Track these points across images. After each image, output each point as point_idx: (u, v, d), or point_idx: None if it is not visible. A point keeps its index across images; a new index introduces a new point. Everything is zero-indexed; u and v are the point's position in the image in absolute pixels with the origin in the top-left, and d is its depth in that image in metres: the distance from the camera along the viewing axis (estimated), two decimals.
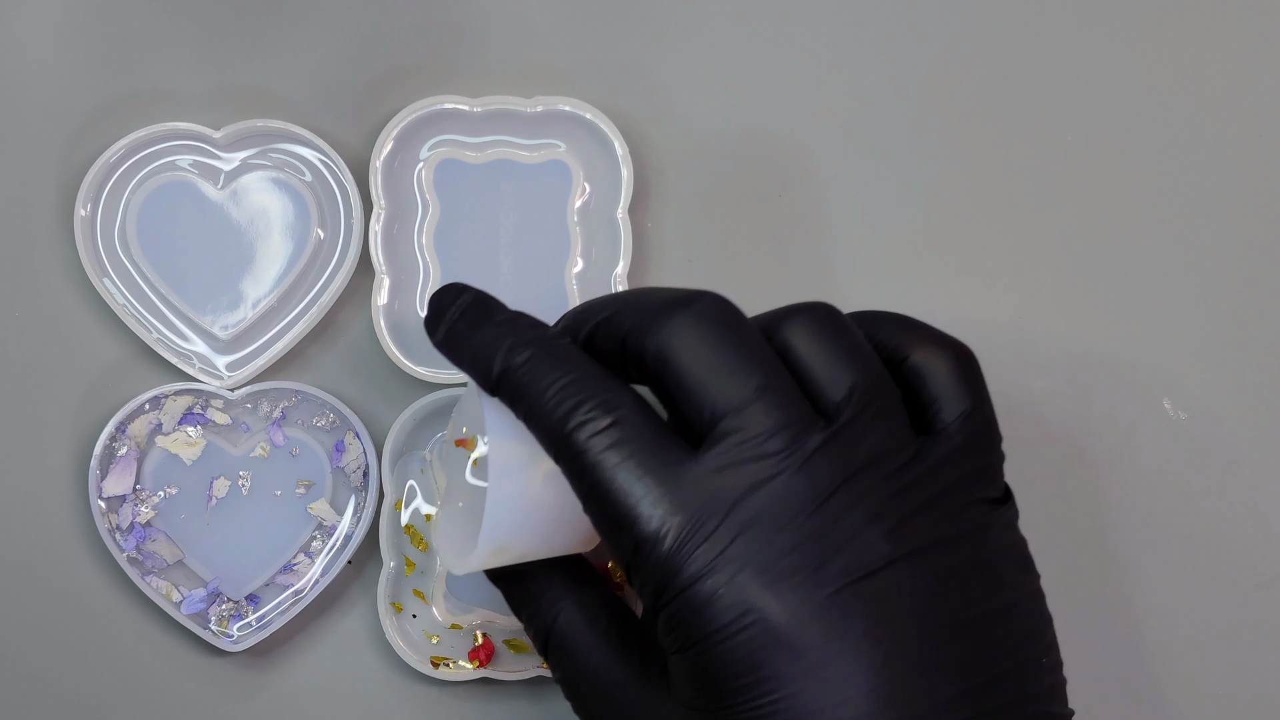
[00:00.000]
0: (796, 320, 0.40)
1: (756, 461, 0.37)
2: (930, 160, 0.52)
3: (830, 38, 0.53)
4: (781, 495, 0.37)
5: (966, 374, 0.41)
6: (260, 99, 0.52)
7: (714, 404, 0.38)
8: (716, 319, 0.39)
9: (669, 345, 0.39)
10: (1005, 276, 0.52)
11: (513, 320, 0.42)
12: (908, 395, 0.41)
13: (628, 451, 0.38)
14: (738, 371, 0.38)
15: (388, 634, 0.50)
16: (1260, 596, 0.52)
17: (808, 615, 0.37)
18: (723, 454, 0.38)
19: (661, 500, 0.38)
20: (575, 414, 0.39)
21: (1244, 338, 0.52)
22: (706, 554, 0.37)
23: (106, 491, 0.50)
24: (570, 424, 0.39)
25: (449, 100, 0.51)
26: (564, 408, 0.39)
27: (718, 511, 0.37)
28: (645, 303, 0.40)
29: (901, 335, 0.42)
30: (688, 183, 0.52)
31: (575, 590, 0.44)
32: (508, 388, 0.41)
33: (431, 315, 0.43)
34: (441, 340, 0.43)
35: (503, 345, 0.41)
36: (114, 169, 0.51)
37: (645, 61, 0.52)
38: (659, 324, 0.39)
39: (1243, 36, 0.53)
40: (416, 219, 0.51)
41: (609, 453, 0.38)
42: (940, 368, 0.41)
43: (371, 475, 0.50)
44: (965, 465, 0.40)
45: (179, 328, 0.51)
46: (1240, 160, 0.53)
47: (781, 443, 0.38)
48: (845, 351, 0.40)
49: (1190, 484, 0.52)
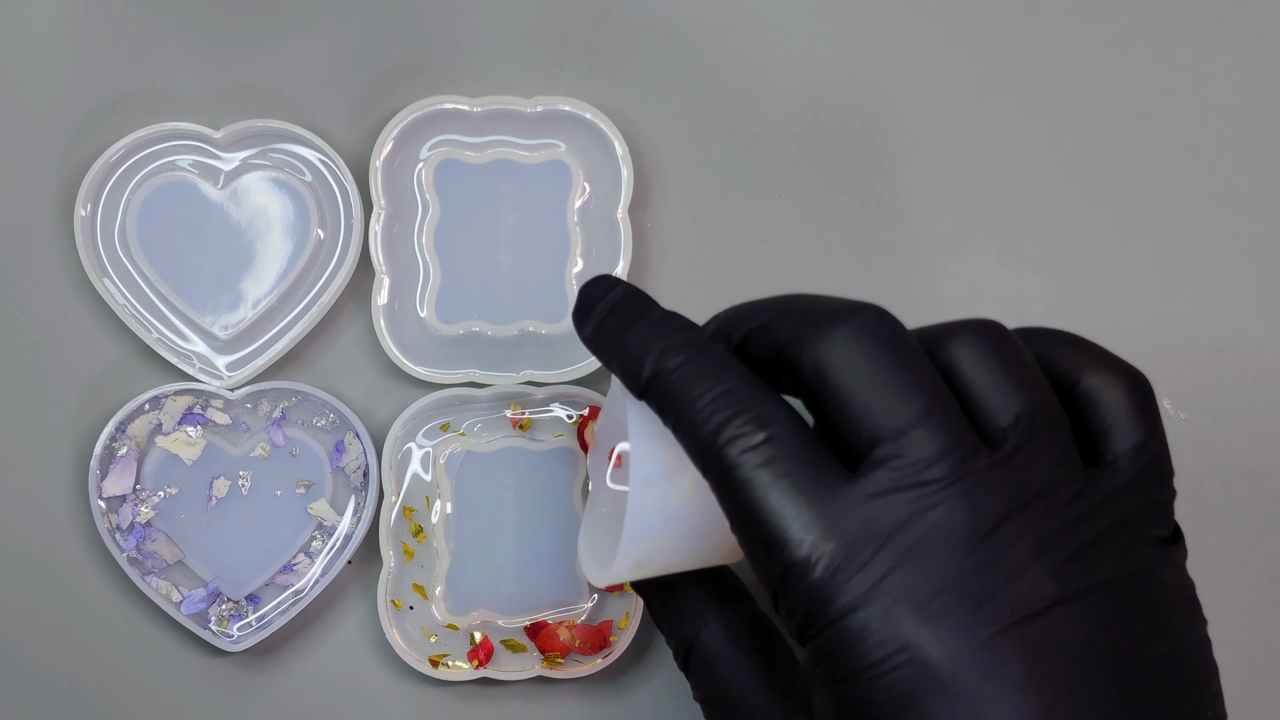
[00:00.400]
0: (963, 338, 0.38)
1: (916, 489, 0.35)
2: (930, 160, 0.53)
3: (830, 38, 0.53)
4: (942, 526, 0.35)
5: (1142, 403, 0.39)
6: (260, 99, 0.52)
7: (873, 426, 0.36)
8: (879, 335, 0.37)
9: (828, 360, 0.37)
10: (1005, 276, 0.52)
11: (665, 321, 0.39)
12: (1077, 422, 0.39)
13: (781, 471, 0.36)
14: (900, 393, 0.36)
15: (387, 633, 0.50)
16: (1260, 596, 0.52)
17: (966, 655, 0.34)
18: (881, 479, 0.36)
19: (814, 525, 0.35)
20: (727, 427, 0.37)
21: (1244, 338, 0.52)
22: (860, 585, 0.35)
23: (106, 491, 0.50)
24: (722, 438, 0.37)
25: (449, 100, 0.51)
26: (716, 420, 0.37)
27: (874, 540, 0.35)
28: (804, 312, 0.38)
29: (1074, 357, 0.39)
30: (688, 183, 0.52)
31: (720, 606, 0.43)
32: (657, 393, 0.38)
33: (580, 308, 0.41)
34: (590, 335, 0.41)
35: (654, 348, 0.39)
36: (114, 169, 0.51)
37: (645, 61, 0.53)
38: (818, 337, 0.37)
39: (1242, 37, 0.53)
40: (416, 219, 0.51)
41: (761, 471, 0.36)
42: (1114, 395, 0.38)
43: (371, 475, 0.50)
44: (1136, 501, 0.37)
45: (179, 328, 0.51)
46: (1240, 160, 0.53)
47: (943, 470, 0.36)
48: (1013, 374, 0.37)
49: (1190, 484, 0.52)
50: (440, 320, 0.51)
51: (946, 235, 0.52)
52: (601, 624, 0.50)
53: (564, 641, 0.50)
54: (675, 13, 0.53)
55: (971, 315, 0.52)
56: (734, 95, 0.52)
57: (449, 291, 0.51)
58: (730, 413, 0.37)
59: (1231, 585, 0.52)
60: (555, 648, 0.50)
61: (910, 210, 0.52)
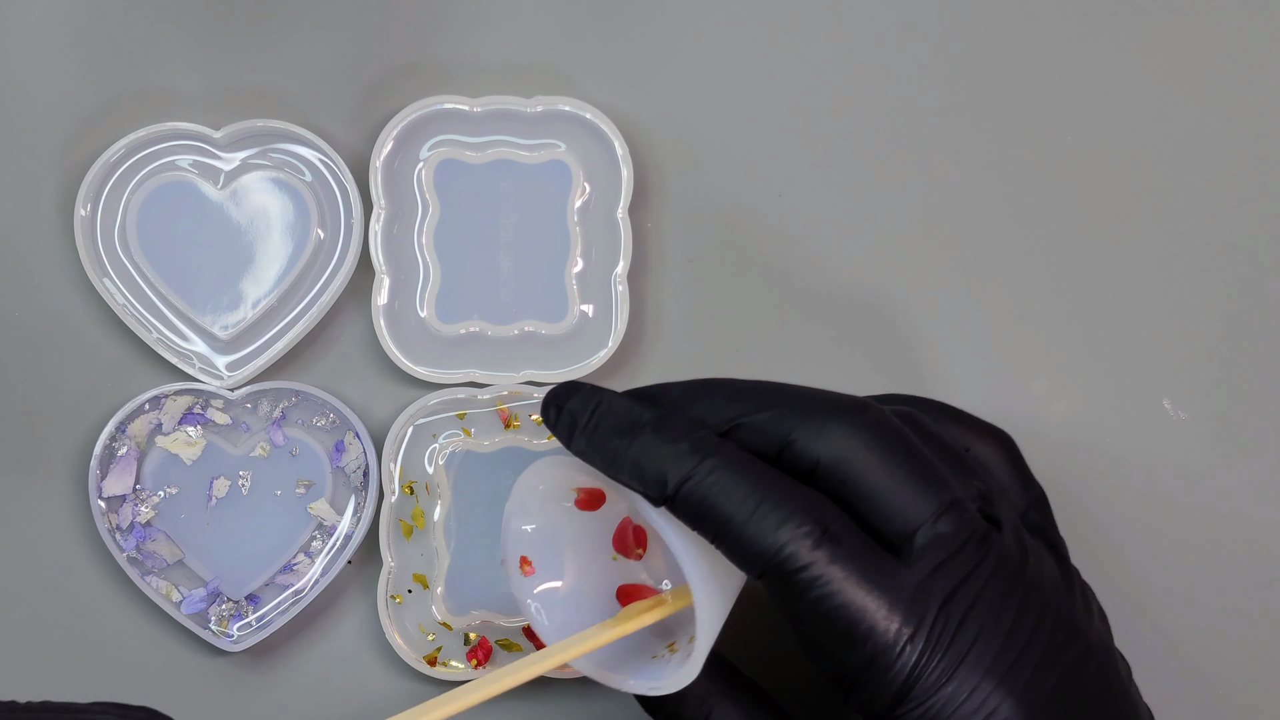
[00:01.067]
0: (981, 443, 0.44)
1: (959, 564, 0.39)
2: (930, 160, 0.52)
3: (830, 38, 0.53)
4: (989, 599, 0.39)
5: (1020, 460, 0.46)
6: (260, 99, 0.52)
7: (906, 517, 0.39)
8: (891, 430, 0.40)
9: (849, 458, 0.39)
10: (1005, 276, 0.52)
11: (667, 425, 0.40)
12: None
13: (850, 565, 0.38)
14: (928, 487, 0.39)
15: (387, 633, 0.50)
16: (1261, 596, 0.52)
17: (1039, 707, 0.38)
18: (932, 559, 0.39)
19: (894, 611, 0.38)
20: (784, 529, 0.38)
21: (1244, 338, 0.52)
22: (947, 661, 0.38)
23: (106, 491, 0.50)
24: (782, 540, 0.38)
25: (449, 100, 0.51)
26: (769, 523, 0.38)
27: (946, 616, 0.38)
28: (807, 406, 0.40)
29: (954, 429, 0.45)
30: (688, 183, 0.52)
31: (726, 688, 0.44)
32: (689, 502, 0.39)
33: (563, 423, 0.42)
34: (586, 450, 0.41)
35: (669, 456, 0.39)
36: (114, 169, 0.51)
37: (645, 61, 0.52)
38: (832, 434, 0.39)
39: (1242, 36, 0.53)
40: (416, 219, 0.51)
41: (833, 567, 0.38)
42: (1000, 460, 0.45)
43: (371, 475, 0.50)
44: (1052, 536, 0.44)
45: (179, 328, 0.51)
46: (1240, 161, 0.53)
47: (973, 550, 0.39)
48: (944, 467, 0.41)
49: (1190, 484, 0.52)
50: (440, 320, 0.51)
51: (946, 234, 0.52)
52: None
53: None
54: (675, 13, 0.53)
55: (971, 314, 0.52)
56: (734, 95, 0.52)
57: (449, 291, 0.51)
58: (784, 514, 0.38)
59: (1232, 585, 0.52)
60: None
61: (910, 210, 0.52)
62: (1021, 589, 0.39)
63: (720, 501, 0.39)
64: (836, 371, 0.52)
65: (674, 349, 0.52)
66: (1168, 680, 0.51)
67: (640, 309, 0.52)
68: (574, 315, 0.51)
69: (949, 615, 0.38)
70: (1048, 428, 0.51)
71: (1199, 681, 0.51)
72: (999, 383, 0.52)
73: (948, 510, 0.39)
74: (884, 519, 0.39)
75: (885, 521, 0.39)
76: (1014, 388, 0.52)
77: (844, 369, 0.52)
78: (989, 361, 0.52)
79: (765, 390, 0.41)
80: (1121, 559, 0.51)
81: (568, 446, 0.41)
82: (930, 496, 0.39)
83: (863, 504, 0.39)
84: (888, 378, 0.52)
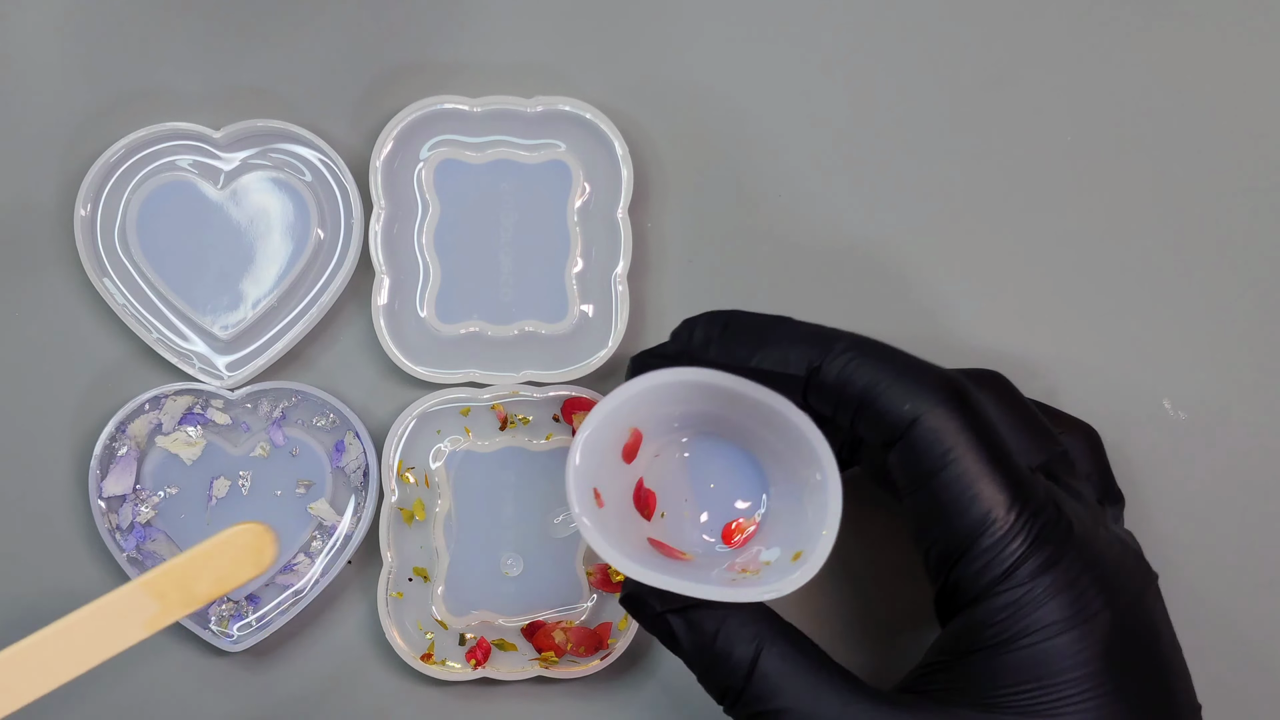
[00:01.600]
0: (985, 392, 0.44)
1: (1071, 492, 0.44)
2: (930, 160, 0.52)
3: (831, 38, 0.53)
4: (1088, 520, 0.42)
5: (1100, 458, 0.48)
6: (260, 99, 0.52)
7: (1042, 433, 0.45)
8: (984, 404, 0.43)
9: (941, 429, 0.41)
10: (1005, 275, 0.52)
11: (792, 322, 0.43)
12: None
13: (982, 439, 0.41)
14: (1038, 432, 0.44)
15: (387, 633, 0.50)
16: (1261, 596, 0.52)
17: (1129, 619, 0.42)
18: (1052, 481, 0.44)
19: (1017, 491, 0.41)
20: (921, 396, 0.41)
21: (1244, 338, 0.52)
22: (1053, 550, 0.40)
23: (106, 491, 0.50)
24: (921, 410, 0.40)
25: (449, 100, 0.51)
26: (907, 390, 0.41)
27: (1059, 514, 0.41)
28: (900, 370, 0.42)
29: None
30: (688, 183, 0.52)
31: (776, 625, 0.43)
32: (830, 382, 0.42)
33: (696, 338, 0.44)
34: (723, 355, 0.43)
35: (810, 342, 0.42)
36: (114, 169, 0.51)
37: (645, 61, 0.53)
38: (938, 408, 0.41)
39: (1243, 36, 0.53)
40: (416, 219, 0.51)
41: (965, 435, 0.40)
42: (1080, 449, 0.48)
43: (371, 475, 0.50)
44: None
45: (179, 328, 0.51)
46: (1240, 161, 0.53)
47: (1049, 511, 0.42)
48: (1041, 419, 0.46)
49: (1190, 484, 0.52)
50: (440, 320, 0.51)
51: (947, 234, 0.52)
52: (599, 626, 0.50)
53: (558, 643, 0.50)
54: (675, 13, 0.53)
55: (971, 313, 0.52)
56: (734, 95, 0.52)
57: (449, 291, 0.51)
58: (921, 384, 0.41)
59: (1231, 586, 0.52)
60: (550, 647, 0.50)
61: (910, 210, 0.52)
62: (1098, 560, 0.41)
63: (860, 374, 0.41)
64: None
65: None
66: None
67: (640, 309, 0.52)
68: (574, 315, 0.51)
69: (1059, 514, 0.41)
70: None
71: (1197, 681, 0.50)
72: None
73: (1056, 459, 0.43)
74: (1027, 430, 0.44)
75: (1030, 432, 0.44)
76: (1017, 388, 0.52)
77: None
78: (989, 362, 0.52)
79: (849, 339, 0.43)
80: None
81: (703, 360, 0.43)
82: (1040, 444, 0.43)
83: None
84: None
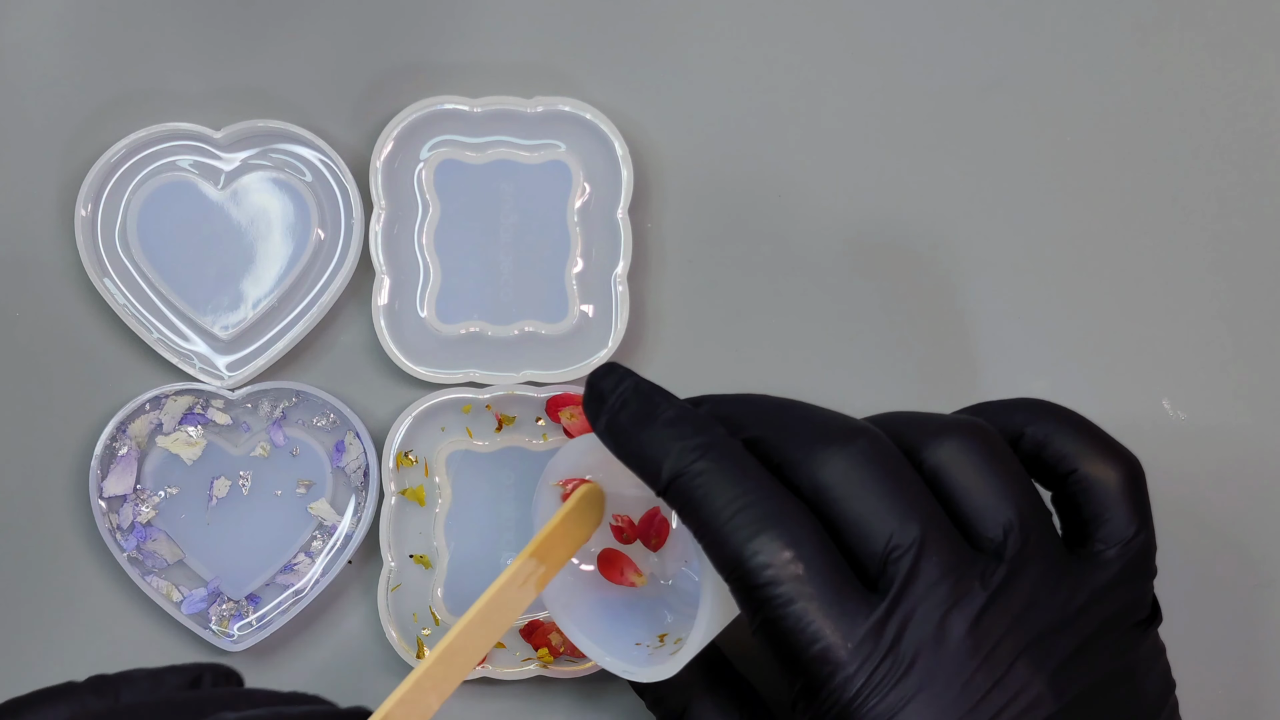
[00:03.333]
0: (949, 446, 0.40)
1: (925, 605, 0.38)
2: (929, 161, 0.52)
3: (831, 38, 0.53)
4: (950, 648, 0.37)
5: (1135, 493, 0.41)
6: (260, 99, 0.52)
7: (875, 552, 0.38)
8: (875, 461, 0.39)
9: (828, 485, 0.39)
10: (1005, 276, 0.52)
11: (680, 420, 0.40)
12: (1069, 507, 0.41)
13: (809, 591, 0.38)
14: (899, 519, 0.38)
15: (387, 633, 0.50)
16: (1260, 596, 0.52)
17: None
18: (894, 601, 0.38)
19: (843, 644, 0.37)
20: (755, 542, 0.38)
21: (1244, 338, 0.52)
22: (886, 705, 0.37)
23: (107, 491, 0.50)
24: (748, 552, 0.38)
25: (449, 100, 0.51)
26: (743, 534, 0.38)
27: (896, 661, 0.37)
28: (801, 431, 0.40)
29: (1071, 444, 0.41)
30: (688, 183, 0.52)
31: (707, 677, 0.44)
32: (677, 498, 0.39)
33: (591, 401, 0.42)
34: (604, 431, 0.42)
35: (672, 450, 0.39)
36: (114, 169, 0.51)
37: (645, 61, 0.53)
38: (818, 460, 0.39)
39: (1244, 36, 0.53)
40: (416, 219, 0.51)
41: (789, 586, 0.38)
42: (1108, 485, 0.41)
43: (371, 475, 0.50)
44: (1123, 596, 0.40)
45: (179, 328, 0.51)
46: (1240, 161, 0.53)
47: (945, 591, 0.38)
48: (1001, 484, 0.39)
49: (1190, 484, 0.52)
50: (440, 320, 0.51)
51: (946, 235, 0.52)
52: None
53: (555, 644, 0.50)
54: (676, 13, 0.53)
55: (971, 313, 0.52)
56: (734, 96, 0.52)
57: (449, 291, 0.51)
58: (757, 527, 0.38)
59: (1231, 586, 0.52)
60: (545, 644, 0.50)
61: (910, 210, 0.52)
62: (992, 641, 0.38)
63: (704, 502, 0.39)
64: (837, 373, 0.52)
65: (674, 349, 0.52)
66: None
67: (640, 309, 0.52)
68: (574, 315, 0.51)
69: (898, 657, 0.37)
70: None
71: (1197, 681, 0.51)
72: (999, 383, 0.52)
73: (918, 550, 0.38)
74: (854, 547, 0.38)
75: (856, 550, 0.38)
76: (1015, 388, 0.52)
77: (844, 370, 0.52)
78: (989, 362, 0.52)
79: (771, 412, 0.41)
80: None
81: (592, 426, 0.42)
82: (898, 533, 0.38)
83: (837, 531, 0.39)
84: (888, 378, 0.52)
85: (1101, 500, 0.40)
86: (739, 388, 0.51)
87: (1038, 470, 0.42)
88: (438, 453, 0.51)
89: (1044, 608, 0.38)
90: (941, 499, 0.39)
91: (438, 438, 0.51)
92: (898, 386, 0.52)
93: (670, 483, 0.39)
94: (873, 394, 0.51)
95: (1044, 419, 0.42)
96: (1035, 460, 0.41)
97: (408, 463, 0.50)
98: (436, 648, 0.40)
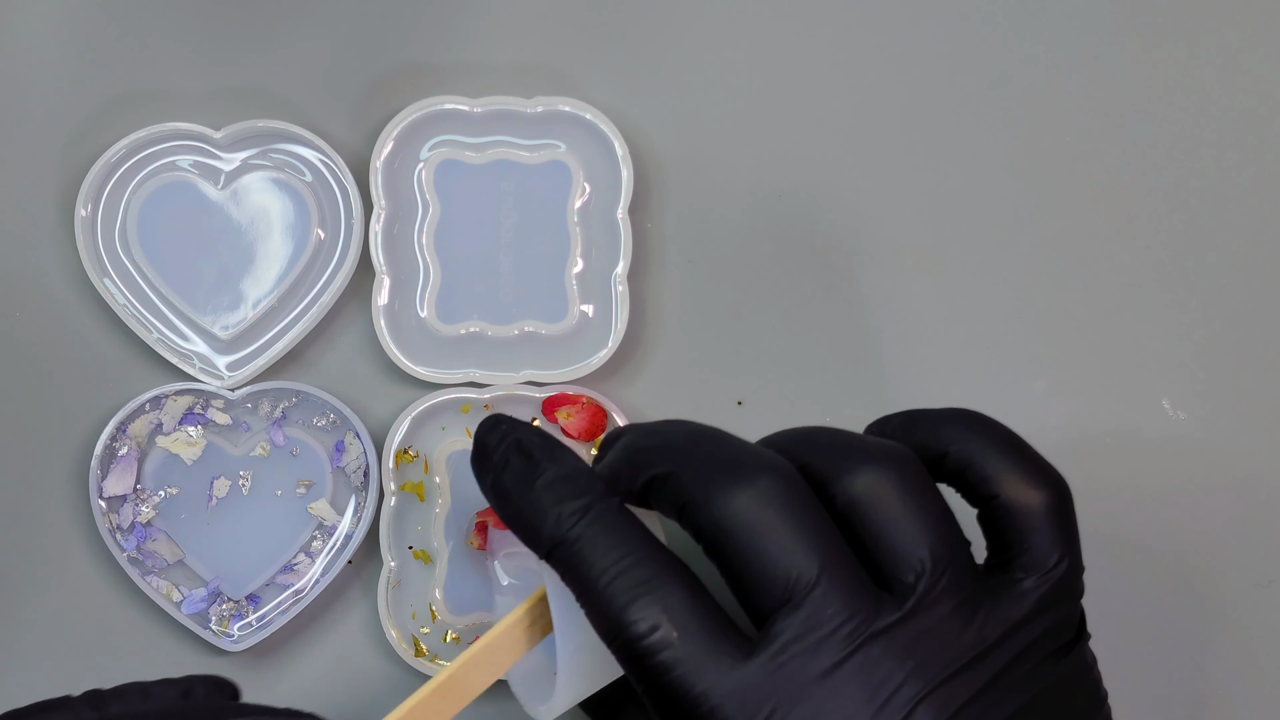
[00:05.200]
0: (864, 479, 0.38)
1: (816, 657, 0.36)
2: (930, 160, 0.53)
3: (831, 38, 0.53)
4: (842, 698, 0.36)
5: (1059, 520, 0.39)
6: (260, 99, 0.52)
7: (769, 595, 0.37)
8: (775, 503, 0.37)
9: (726, 528, 0.37)
10: (1006, 275, 0.52)
11: (559, 482, 0.39)
12: (992, 529, 0.39)
13: (683, 655, 0.36)
14: (797, 564, 0.37)
15: (387, 633, 0.50)
16: (1260, 596, 0.52)
17: None
18: (780, 650, 0.36)
19: (718, 708, 0.36)
20: (629, 611, 0.37)
21: (1244, 338, 0.52)
22: None
23: (107, 491, 0.50)
24: (624, 622, 0.37)
25: (449, 100, 0.51)
26: (617, 604, 0.37)
27: (785, 714, 0.36)
28: (706, 468, 0.38)
29: (995, 464, 0.39)
30: (688, 183, 0.52)
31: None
32: (558, 564, 0.38)
33: (476, 457, 0.41)
34: (489, 491, 0.40)
35: (550, 516, 0.38)
36: (114, 169, 0.51)
37: (645, 61, 0.53)
38: (716, 502, 0.38)
39: (1244, 36, 0.53)
40: (416, 219, 0.51)
41: (665, 655, 0.37)
42: (1031, 512, 0.39)
43: (371, 475, 0.50)
44: (1041, 625, 0.38)
45: (179, 328, 0.51)
46: (1241, 161, 0.53)
47: (842, 637, 0.36)
48: (915, 522, 0.38)
49: (1190, 484, 0.52)
50: (440, 320, 0.51)
51: (947, 234, 0.52)
52: None
53: None
54: (675, 13, 0.53)
55: (971, 313, 0.52)
56: (734, 96, 0.52)
57: (449, 291, 0.51)
58: (630, 596, 0.37)
59: (1231, 586, 0.52)
60: None
61: (910, 210, 0.52)
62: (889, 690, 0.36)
63: (581, 569, 0.38)
64: (836, 373, 0.52)
65: (674, 349, 0.52)
66: (1163, 680, 0.51)
67: (640, 309, 0.52)
68: (574, 315, 0.51)
69: (789, 709, 0.36)
70: (1048, 428, 0.51)
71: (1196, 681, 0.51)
72: (999, 383, 0.52)
73: (815, 592, 0.36)
74: (749, 596, 0.37)
75: (751, 598, 0.37)
76: (1014, 388, 0.52)
77: (844, 370, 0.52)
78: (989, 361, 0.52)
79: (680, 446, 0.39)
80: (1119, 559, 0.51)
81: (479, 484, 0.41)
82: (795, 576, 0.37)
83: (734, 576, 0.38)
84: (887, 378, 0.52)
85: (1021, 528, 0.39)
86: (739, 388, 0.52)
87: (962, 489, 0.40)
88: (438, 452, 0.51)
89: (951, 647, 0.37)
90: (854, 537, 0.38)
91: (438, 437, 0.51)
92: (898, 386, 0.52)
93: (550, 552, 0.38)
94: (873, 394, 0.51)
95: (971, 437, 0.40)
96: (959, 479, 0.40)
97: (408, 458, 0.50)
98: (435, 678, 0.40)
